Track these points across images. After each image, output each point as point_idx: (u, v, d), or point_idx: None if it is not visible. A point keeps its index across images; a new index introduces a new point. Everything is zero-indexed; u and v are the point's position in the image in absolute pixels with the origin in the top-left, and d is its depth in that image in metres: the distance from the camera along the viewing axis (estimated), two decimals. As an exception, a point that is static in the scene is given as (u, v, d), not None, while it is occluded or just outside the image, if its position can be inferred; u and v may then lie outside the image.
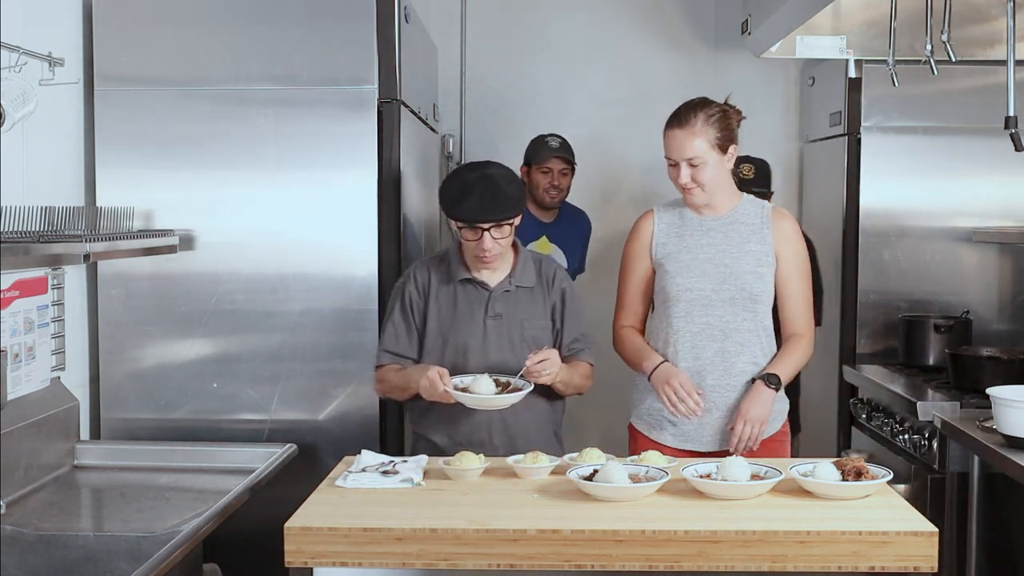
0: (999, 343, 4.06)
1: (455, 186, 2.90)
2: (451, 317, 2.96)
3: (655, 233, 3.06)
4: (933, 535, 2.20)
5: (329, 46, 3.31)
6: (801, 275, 3.05)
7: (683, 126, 2.93)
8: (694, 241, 3.01)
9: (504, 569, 2.23)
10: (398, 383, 2.94)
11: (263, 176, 3.33)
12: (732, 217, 3.03)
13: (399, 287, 3.03)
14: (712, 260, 2.98)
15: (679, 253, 3.00)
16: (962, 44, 3.56)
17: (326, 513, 2.33)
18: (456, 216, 2.87)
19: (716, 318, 2.96)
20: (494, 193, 2.85)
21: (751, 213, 3.04)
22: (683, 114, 2.95)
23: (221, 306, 3.34)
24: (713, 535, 2.20)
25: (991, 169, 4.21)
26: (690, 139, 2.92)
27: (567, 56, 4.94)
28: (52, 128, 3.15)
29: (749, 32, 4.41)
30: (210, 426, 3.33)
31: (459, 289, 2.97)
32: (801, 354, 3.03)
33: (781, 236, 3.02)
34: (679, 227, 3.04)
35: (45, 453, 2.93)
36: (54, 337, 3.04)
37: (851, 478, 2.44)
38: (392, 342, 2.99)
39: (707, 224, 3.02)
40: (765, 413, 2.91)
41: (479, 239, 2.87)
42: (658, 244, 3.04)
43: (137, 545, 2.41)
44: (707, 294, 2.96)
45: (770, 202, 3.56)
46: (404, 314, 2.99)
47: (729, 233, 3.01)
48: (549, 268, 3.06)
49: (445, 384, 2.76)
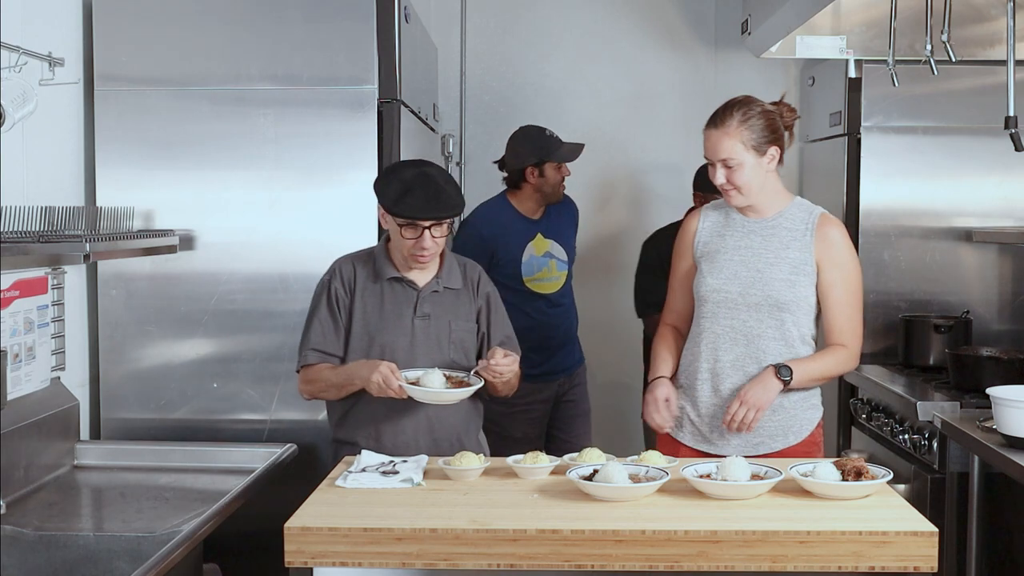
0: (999, 343, 4.06)
1: (394, 183, 2.83)
2: (378, 316, 2.91)
3: (699, 231, 3.03)
4: (933, 535, 2.20)
5: (329, 46, 3.31)
6: (845, 284, 2.91)
7: (718, 126, 2.87)
8: (733, 242, 2.96)
9: (504, 569, 2.22)
10: (335, 381, 2.86)
11: (263, 176, 3.34)
12: (776, 221, 2.95)
13: (324, 283, 2.95)
14: (746, 263, 2.92)
15: (716, 253, 2.97)
16: (962, 44, 3.57)
17: (326, 513, 2.33)
18: (400, 213, 2.81)
19: (740, 322, 2.90)
20: (436, 191, 2.82)
21: (797, 218, 2.94)
22: (720, 113, 2.89)
23: (221, 306, 3.34)
24: (713, 535, 2.20)
25: (991, 169, 4.21)
26: (723, 140, 2.86)
27: (567, 56, 4.94)
28: (52, 128, 3.15)
29: (749, 32, 4.41)
30: (210, 426, 3.34)
31: (386, 287, 2.92)
32: (833, 361, 2.92)
33: (826, 243, 2.90)
34: (723, 227, 3.00)
35: (45, 453, 2.93)
36: (54, 337, 3.05)
37: (851, 478, 2.44)
38: (319, 340, 2.91)
39: (749, 226, 2.97)
40: (765, 400, 2.83)
41: (419, 237, 2.82)
42: (700, 242, 3.02)
43: (137, 545, 2.41)
44: (733, 297, 2.91)
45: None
46: (331, 311, 2.92)
47: (769, 237, 2.93)
48: (474, 272, 3.04)
49: (399, 379, 2.73)
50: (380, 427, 2.89)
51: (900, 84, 3.55)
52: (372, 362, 2.79)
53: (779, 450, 2.93)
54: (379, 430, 2.89)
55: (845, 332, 2.92)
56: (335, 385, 2.87)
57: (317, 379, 2.90)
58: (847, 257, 2.94)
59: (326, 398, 2.95)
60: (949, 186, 4.26)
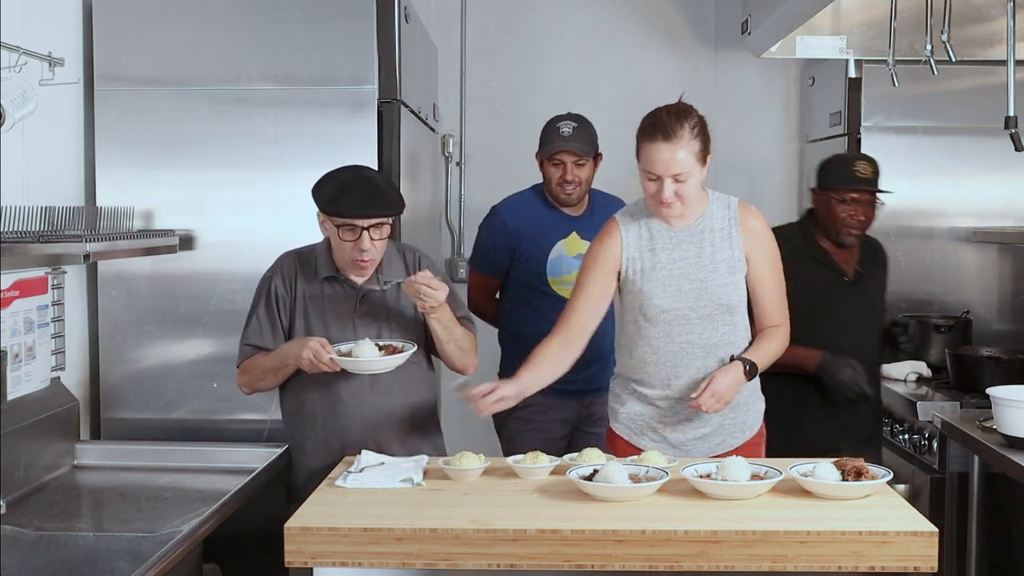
0: (999, 343, 4.06)
1: (332, 184, 2.81)
2: (319, 315, 2.89)
3: (624, 247, 2.87)
4: (933, 535, 2.20)
5: (329, 46, 3.31)
6: (774, 271, 2.92)
7: (669, 139, 2.71)
8: (667, 256, 2.85)
9: (504, 569, 2.22)
10: (270, 365, 2.85)
11: (263, 176, 3.33)
12: (702, 225, 2.86)
13: (265, 280, 2.94)
14: (687, 276, 2.84)
15: (653, 270, 2.84)
16: (962, 44, 3.56)
17: (326, 513, 2.33)
18: (335, 211, 2.77)
19: (696, 335, 2.84)
20: (374, 190, 2.79)
21: (719, 216, 2.87)
22: (668, 125, 2.73)
23: (221, 306, 3.33)
24: (713, 535, 2.20)
25: (991, 169, 4.22)
26: (678, 153, 2.71)
27: (567, 56, 4.94)
28: (52, 128, 3.15)
29: (749, 32, 4.42)
30: (210, 426, 3.33)
31: (326, 286, 2.91)
32: (779, 345, 2.92)
33: (752, 236, 2.87)
34: (649, 240, 2.86)
35: (45, 453, 2.93)
36: (54, 337, 3.04)
37: (851, 478, 2.44)
38: (256, 336, 2.90)
39: (677, 236, 2.85)
40: (734, 395, 2.80)
41: (357, 239, 2.78)
42: (628, 259, 2.86)
43: (137, 545, 2.40)
44: (685, 313, 2.83)
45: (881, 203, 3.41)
46: (269, 309, 2.90)
47: (700, 243, 2.85)
48: (414, 257, 3.00)
49: (329, 352, 2.72)
50: (326, 423, 2.88)
51: (900, 84, 3.55)
52: (302, 340, 2.78)
53: (737, 447, 2.91)
54: (326, 427, 2.88)
55: (778, 313, 2.93)
56: (270, 370, 2.87)
57: (252, 368, 2.90)
58: (770, 244, 2.93)
59: (264, 387, 2.93)
60: (949, 186, 4.27)
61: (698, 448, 2.89)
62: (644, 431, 2.92)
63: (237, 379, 2.97)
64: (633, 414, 2.93)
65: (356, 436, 2.87)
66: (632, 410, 2.93)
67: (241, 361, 2.93)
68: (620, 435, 2.96)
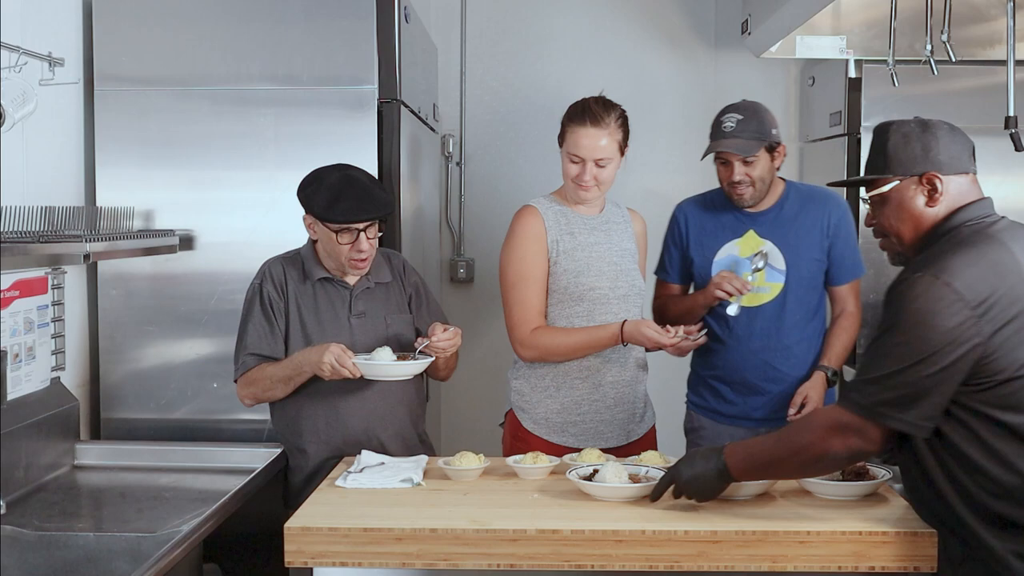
0: (999, 343, 4.05)
1: (321, 191, 2.78)
2: (314, 317, 2.88)
3: (548, 229, 2.98)
4: (933, 535, 2.20)
5: (329, 46, 3.31)
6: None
7: (597, 124, 2.89)
8: (584, 239, 3.01)
9: (504, 569, 2.23)
10: (282, 374, 2.80)
11: (263, 176, 3.34)
12: (605, 216, 3.07)
13: (255, 287, 2.91)
14: (604, 258, 3.00)
15: (574, 251, 2.98)
16: (962, 44, 3.56)
17: (326, 513, 2.33)
18: (333, 219, 2.76)
19: (613, 316, 2.97)
20: (365, 192, 2.79)
21: (615, 213, 3.11)
22: (596, 112, 2.90)
23: (221, 306, 3.34)
24: (713, 535, 2.20)
25: (991, 169, 4.17)
26: (603, 138, 2.90)
27: (567, 56, 4.94)
28: (52, 128, 3.16)
29: (749, 32, 4.41)
30: (210, 426, 3.34)
31: (318, 288, 2.90)
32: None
33: (641, 236, 3.17)
34: (566, 223, 3.00)
35: (45, 453, 2.93)
36: (54, 337, 3.05)
37: (851, 478, 2.44)
38: (256, 344, 2.86)
39: (590, 223, 3.03)
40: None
41: (355, 241, 2.79)
42: (553, 240, 2.98)
43: (137, 545, 2.41)
44: (605, 292, 2.97)
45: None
46: (266, 315, 2.88)
47: (608, 232, 3.05)
48: (398, 261, 3.04)
49: (351, 357, 2.70)
50: (328, 426, 2.89)
51: (900, 84, 3.54)
52: (321, 346, 2.75)
53: (643, 434, 3.07)
54: (328, 429, 2.89)
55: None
56: (282, 379, 2.82)
57: (260, 378, 2.84)
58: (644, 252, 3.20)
59: (270, 398, 2.89)
60: (949, 186, 4.25)
61: (616, 437, 3.03)
62: (566, 428, 3.01)
63: (239, 391, 2.91)
64: (551, 412, 3.02)
65: (355, 439, 2.88)
66: (549, 408, 3.02)
67: (243, 372, 2.87)
68: (535, 433, 3.03)
